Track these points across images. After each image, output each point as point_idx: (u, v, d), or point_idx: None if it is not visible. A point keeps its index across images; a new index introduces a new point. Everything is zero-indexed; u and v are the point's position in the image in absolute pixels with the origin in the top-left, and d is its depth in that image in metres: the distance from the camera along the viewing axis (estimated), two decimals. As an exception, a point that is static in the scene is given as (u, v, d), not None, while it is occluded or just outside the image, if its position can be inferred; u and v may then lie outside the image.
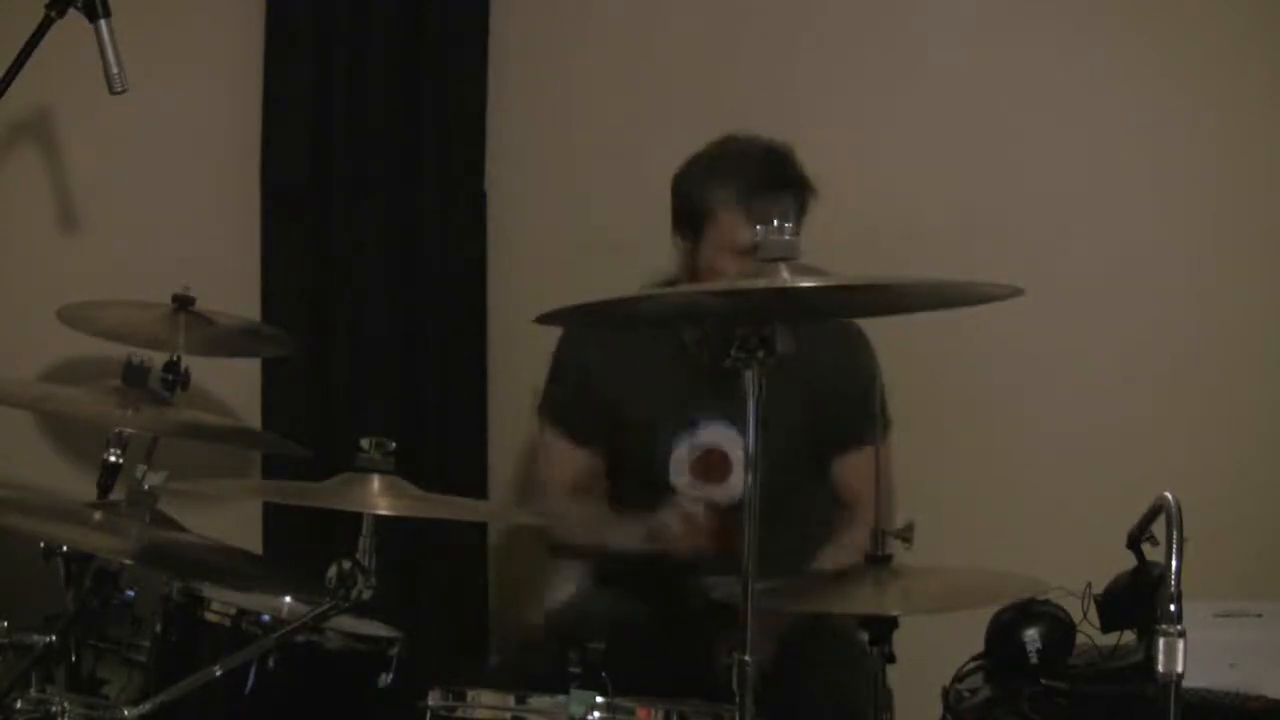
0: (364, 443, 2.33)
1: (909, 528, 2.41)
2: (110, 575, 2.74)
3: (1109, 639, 2.64)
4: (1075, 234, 3.44)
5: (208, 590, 2.68)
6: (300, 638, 2.56)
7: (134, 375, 2.90)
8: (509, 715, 2.42)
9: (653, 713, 2.35)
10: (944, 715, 2.67)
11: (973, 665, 2.68)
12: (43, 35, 2.61)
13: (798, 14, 3.59)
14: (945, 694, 2.67)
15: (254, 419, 3.70)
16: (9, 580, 2.93)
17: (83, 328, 3.24)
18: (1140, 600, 2.49)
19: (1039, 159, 3.47)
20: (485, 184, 3.76)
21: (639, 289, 2.90)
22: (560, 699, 2.33)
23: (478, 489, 3.68)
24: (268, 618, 2.66)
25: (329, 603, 2.33)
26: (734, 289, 2.23)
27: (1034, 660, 2.59)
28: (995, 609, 2.61)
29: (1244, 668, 2.52)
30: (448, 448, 3.71)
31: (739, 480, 2.91)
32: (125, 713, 2.31)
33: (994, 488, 3.44)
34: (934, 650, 2.56)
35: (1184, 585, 2.03)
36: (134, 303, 3.28)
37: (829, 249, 2.40)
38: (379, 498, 2.30)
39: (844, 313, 2.73)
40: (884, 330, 3.00)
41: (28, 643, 2.74)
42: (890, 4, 3.60)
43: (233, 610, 2.66)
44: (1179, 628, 2.00)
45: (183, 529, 2.78)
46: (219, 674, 2.41)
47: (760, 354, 2.09)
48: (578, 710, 2.30)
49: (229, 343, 3.37)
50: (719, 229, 2.86)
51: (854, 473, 2.98)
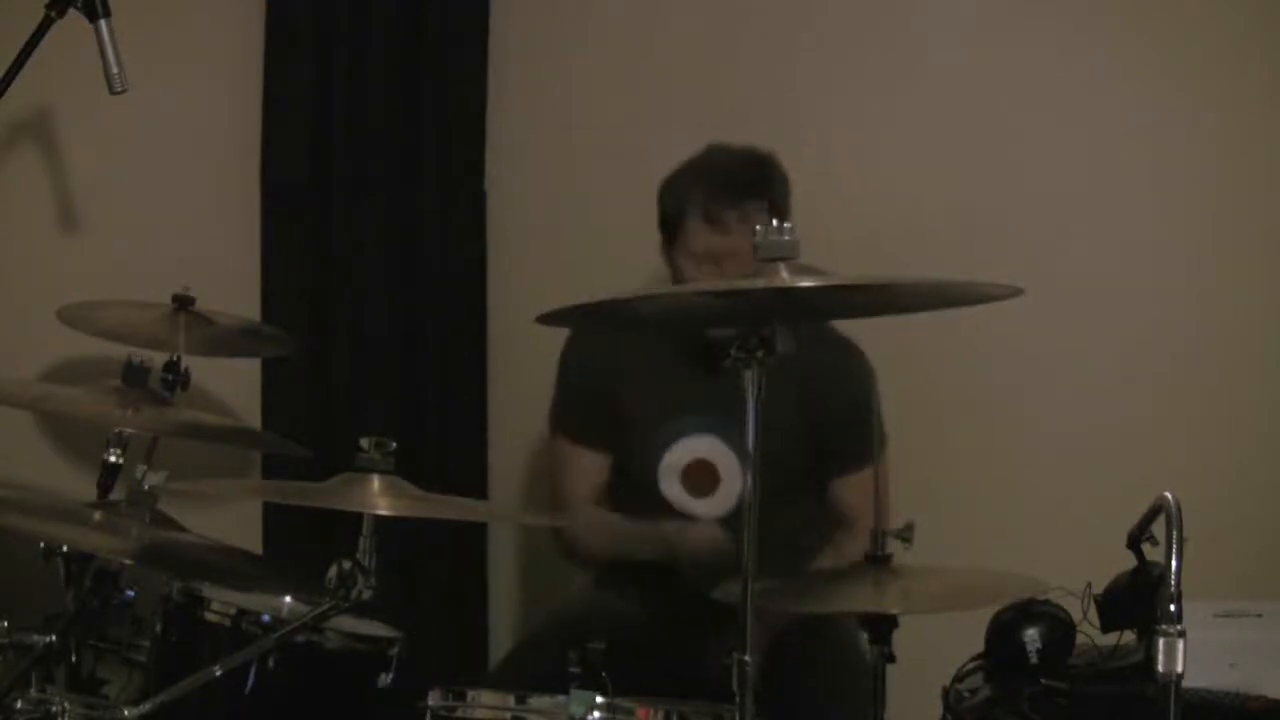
0: (364, 443, 2.33)
1: (909, 528, 2.41)
2: (110, 575, 2.74)
3: (1109, 639, 2.64)
4: (1075, 234, 3.44)
5: (208, 590, 2.68)
6: (300, 638, 2.56)
7: (134, 375, 2.90)
8: (509, 715, 2.42)
9: (653, 713, 2.35)
10: (944, 715, 2.67)
11: (973, 665, 2.68)
12: (43, 35, 2.61)
13: (798, 14, 3.59)
14: (945, 694, 2.67)
15: (254, 419, 3.70)
16: (9, 580, 2.93)
17: (83, 328, 3.24)
18: (1140, 600, 2.49)
19: (1039, 159, 3.47)
20: (485, 184, 3.75)
21: (637, 289, 2.91)
22: (560, 699, 2.33)
23: (478, 489, 3.67)
24: (268, 618, 2.66)
25: (329, 603, 2.33)
26: (734, 289, 2.23)
27: (1034, 660, 2.59)
28: (995, 609, 2.61)
29: (1244, 668, 2.52)
30: (448, 448, 3.71)
31: (727, 493, 2.92)
32: (125, 713, 2.31)
33: (994, 488, 3.44)
34: (934, 650, 2.56)
35: (1184, 585, 2.03)
36: (134, 303, 3.28)
37: (829, 249, 2.40)
38: (379, 498, 2.30)
39: (844, 313, 2.73)
40: (884, 330, 2.99)
41: (28, 643, 2.74)
42: (890, 4, 3.60)
43: (233, 610, 2.66)
44: (1179, 628, 2.00)
45: (183, 529, 2.78)
46: (219, 674, 2.41)
47: (760, 354, 2.09)
48: (578, 710, 2.30)
49: (229, 343, 3.37)
50: (684, 237, 2.91)
51: (853, 493, 2.98)
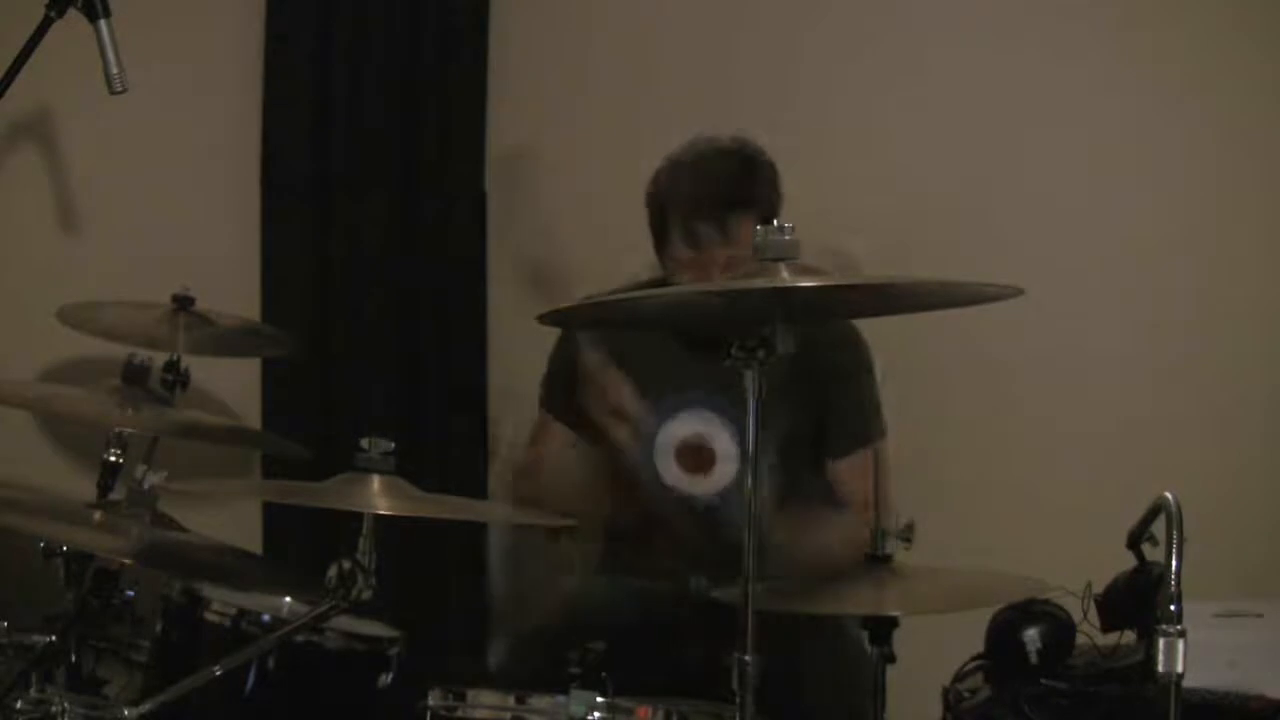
0: (364, 443, 2.33)
1: (909, 528, 2.41)
2: (110, 575, 2.73)
3: (1109, 639, 2.64)
4: (1075, 234, 3.44)
5: (208, 590, 2.68)
6: (300, 638, 2.56)
7: (134, 375, 2.91)
8: (509, 715, 2.41)
9: (653, 713, 2.35)
10: (944, 715, 2.67)
11: (973, 665, 2.68)
12: (43, 35, 2.61)
13: (798, 14, 3.59)
14: (945, 694, 2.67)
15: (254, 419, 3.70)
16: (9, 580, 2.93)
17: (83, 328, 3.25)
18: (1140, 600, 2.49)
19: (1039, 159, 3.47)
20: (485, 184, 3.76)
21: (637, 289, 2.91)
22: (560, 699, 2.33)
23: (478, 489, 3.67)
24: (268, 618, 2.66)
25: (329, 603, 2.32)
26: (734, 289, 2.23)
27: (1034, 660, 2.59)
28: (995, 609, 2.61)
29: (1244, 668, 2.52)
30: (448, 448, 3.71)
31: (723, 473, 2.92)
32: (125, 713, 2.30)
33: (994, 488, 3.44)
34: (934, 650, 2.56)
35: (1184, 585, 2.03)
36: (134, 303, 3.29)
37: (828, 249, 2.40)
38: (379, 498, 2.29)
39: (844, 313, 2.73)
40: (884, 330, 2.99)
41: (28, 643, 2.74)
42: (890, 4, 3.60)
43: (233, 610, 2.65)
44: (1179, 628, 2.00)
45: (183, 529, 2.78)
46: (219, 674, 2.40)
47: (760, 354, 2.09)
48: (578, 710, 2.30)
49: (229, 343, 3.37)
50: (670, 245, 2.90)
51: (851, 475, 2.98)
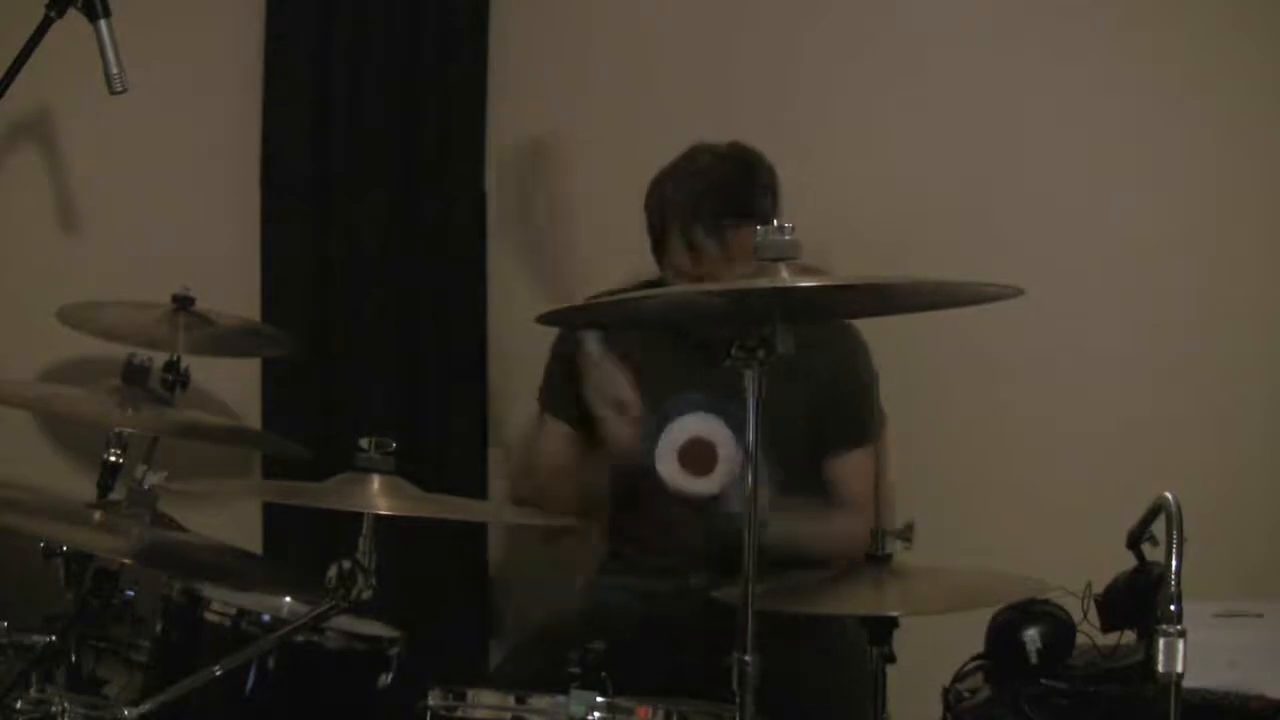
0: (364, 443, 2.33)
1: (909, 528, 2.41)
2: (110, 575, 2.74)
3: (1109, 639, 2.64)
4: (1075, 234, 3.43)
5: (208, 590, 2.68)
6: (300, 638, 2.56)
7: (134, 375, 2.91)
8: (509, 715, 2.41)
9: (653, 713, 2.35)
10: (944, 715, 2.67)
11: (973, 665, 2.68)
12: (43, 35, 2.61)
13: (798, 15, 3.59)
14: (945, 694, 2.67)
15: (254, 419, 3.70)
16: (9, 580, 2.93)
17: (83, 328, 3.25)
18: (1140, 600, 2.49)
19: (1039, 159, 3.46)
20: (485, 184, 3.76)
21: (637, 289, 2.91)
22: (560, 699, 2.33)
23: (478, 489, 3.68)
24: (268, 618, 2.66)
25: (329, 603, 2.32)
26: (734, 289, 2.23)
27: (1034, 660, 2.59)
28: (995, 609, 2.61)
29: (1244, 668, 2.52)
30: (448, 448, 3.71)
31: (725, 473, 2.92)
32: (125, 713, 2.30)
33: (994, 488, 3.44)
34: (934, 650, 2.56)
35: (1184, 585, 2.03)
36: (134, 303, 3.29)
37: (829, 249, 2.40)
38: (379, 498, 2.30)
39: (844, 313, 2.73)
40: (884, 330, 2.99)
41: (28, 643, 2.74)
42: (890, 4, 3.60)
43: (233, 610, 2.65)
44: (1179, 628, 2.00)
45: (183, 529, 2.78)
46: (219, 674, 2.40)
47: (760, 354, 2.09)
48: (578, 710, 2.30)
49: (229, 343, 3.37)
50: (669, 254, 2.90)
51: (850, 473, 2.98)
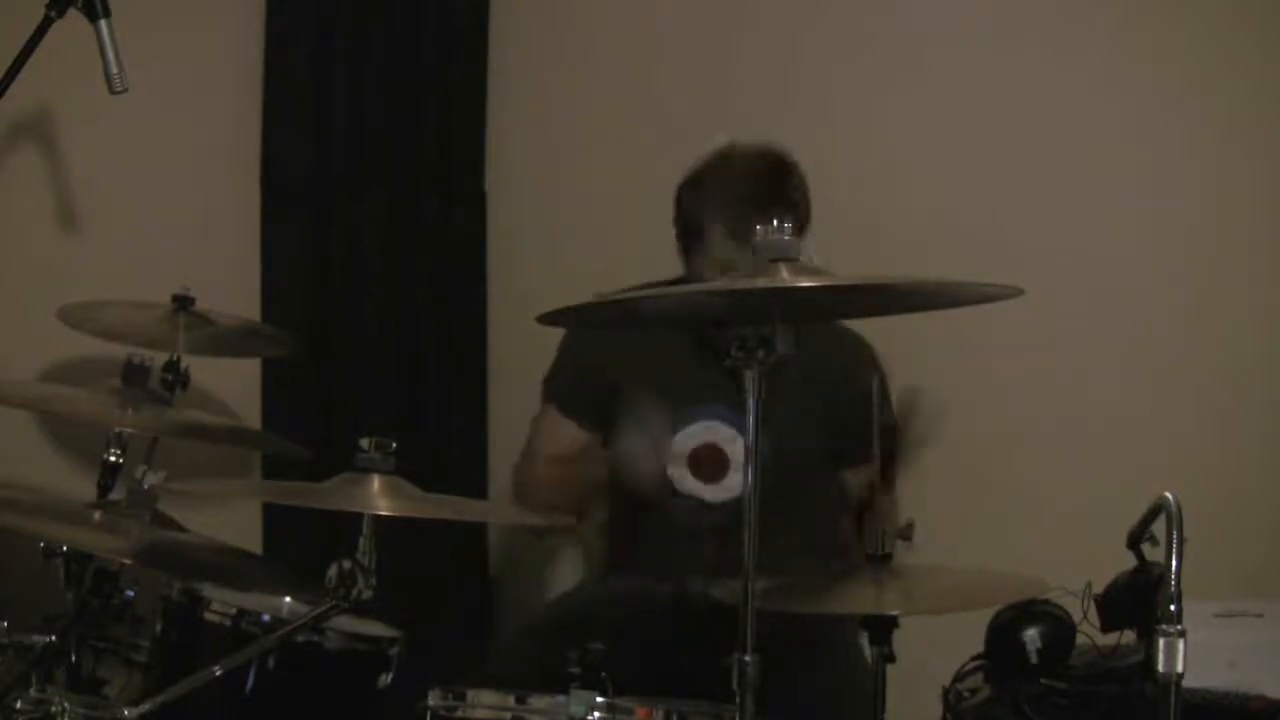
0: (364, 443, 2.33)
1: (909, 527, 2.41)
2: (110, 575, 2.73)
3: (1109, 639, 2.64)
4: (1075, 234, 3.44)
5: (208, 590, 2.68)
6: (300, 638, 2.56)
7: (134, 375, 2.90)
8: (509, 715, 2.41)
9: (653, 713, 2.35)
10: (944, 715, 2.67)
11: (973, 665, 2.68)
12: (43, 35, 2.61)
13: (798, 14, 3.59)
14: (945, 694, 2.67)
15: (254, 419, 3.70)
16: (9, 580, 2.93)
17: (83, 328, 3.24)
18: (1140, 600, 2.49)
19: (1039, 159, 3.47)
20: (485, 184, 3.76)
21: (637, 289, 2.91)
22: (560, 699, 2.33)
23: (478, 489, 3.68)
24: (268, 618, 2.66)
25: (329, 603, 2.32)
26: (734, 289, 2.23)
27: (1034, 660, 2.59)
28: (995, 609, 2.61)
29: (1244, 668, 2.52)
30: (448, 448, 3.71)
31: (737, 480, 2.91)
32: (125, 713, 2.30)
33: (994, 488, 3.44)
34: (934, 650, 2.57)
35: (1184, 585, 2.03)
36: (134, 303, 3.28)
37: (829, 249, 2.40)
38: (379, 498, 2.29)
39: (844, 313, 2.73)
40: (884, 330, 3.00)
41: (28, 643, 2.74)
42: (890, 4, 3.60)
43: (233, 610, 2.66)
44: (1179, 628, 2.00)
45: (183, 529, 2.78)
46: (219, 674, 2.40)
47: (760, 354, 2.09)
48: (578, 710, 2.30)
49: (229, 343, 3.37)
50: (708, 247, 2.87)
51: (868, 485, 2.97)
